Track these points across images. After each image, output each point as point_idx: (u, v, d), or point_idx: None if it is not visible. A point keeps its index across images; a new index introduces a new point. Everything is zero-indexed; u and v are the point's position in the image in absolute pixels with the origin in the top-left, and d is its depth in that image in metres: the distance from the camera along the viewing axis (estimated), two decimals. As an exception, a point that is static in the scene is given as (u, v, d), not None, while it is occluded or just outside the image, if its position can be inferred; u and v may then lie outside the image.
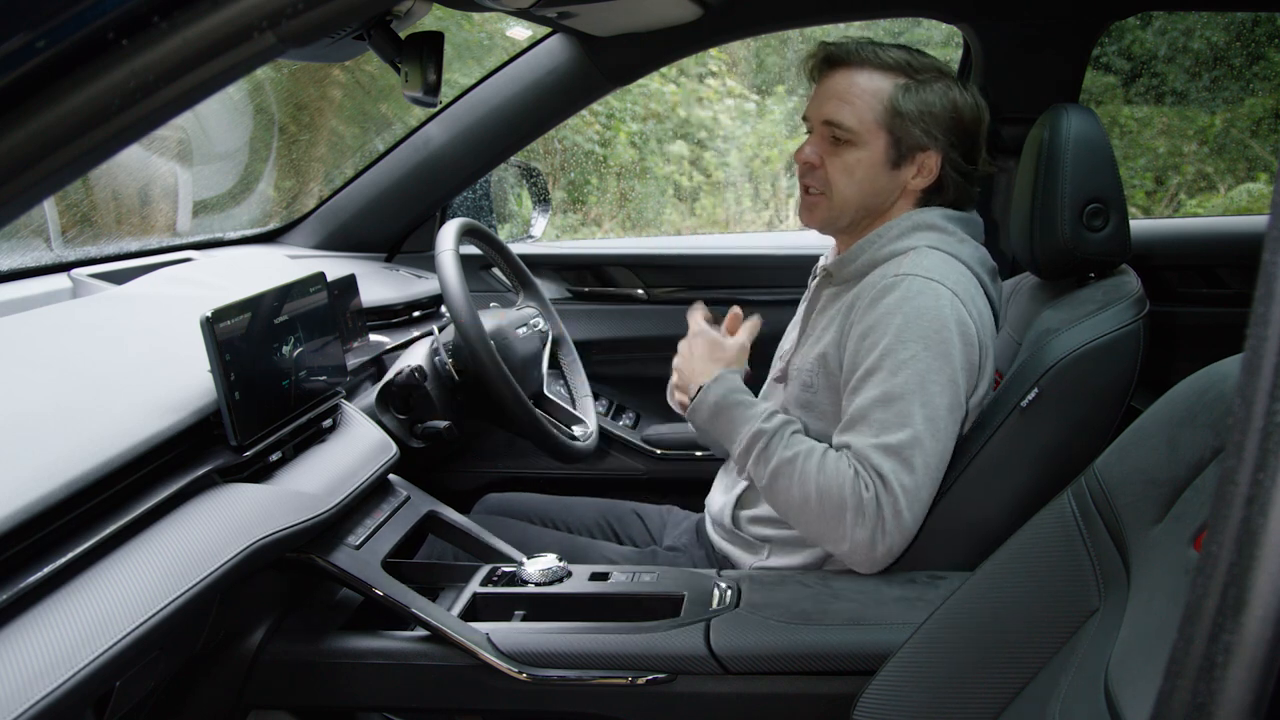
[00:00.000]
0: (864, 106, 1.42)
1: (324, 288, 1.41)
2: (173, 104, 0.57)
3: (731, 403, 1.40)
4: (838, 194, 1.45)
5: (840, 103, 1.43)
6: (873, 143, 1.42)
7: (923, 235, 1.43)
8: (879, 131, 1.42)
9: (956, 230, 1.45)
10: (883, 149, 1.43)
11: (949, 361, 1.32)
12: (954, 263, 1.40)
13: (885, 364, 1.32)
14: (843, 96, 1.43)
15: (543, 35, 2.13)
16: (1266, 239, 0.44)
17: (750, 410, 1.39)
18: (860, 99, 1.42)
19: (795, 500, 1.31)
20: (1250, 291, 0.44)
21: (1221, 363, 0.92)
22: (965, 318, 1.36)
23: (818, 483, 1.29)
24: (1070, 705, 0.89)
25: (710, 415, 1.41)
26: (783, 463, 1.32)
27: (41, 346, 1.23)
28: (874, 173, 1.44)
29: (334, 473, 1.32)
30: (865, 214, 1.47)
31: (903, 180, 1.45)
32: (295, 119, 3.00)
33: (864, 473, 1.29)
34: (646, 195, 5.71)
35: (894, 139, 1.42)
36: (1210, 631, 0.43)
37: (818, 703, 1.19)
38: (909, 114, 1.41)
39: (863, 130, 1.42)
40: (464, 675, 1.23)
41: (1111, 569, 0.94)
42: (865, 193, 1.45)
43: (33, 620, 0.86)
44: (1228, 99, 5.01)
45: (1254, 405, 0.43)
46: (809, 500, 1.30)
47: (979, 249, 1.48)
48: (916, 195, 1.47)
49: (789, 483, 1.31)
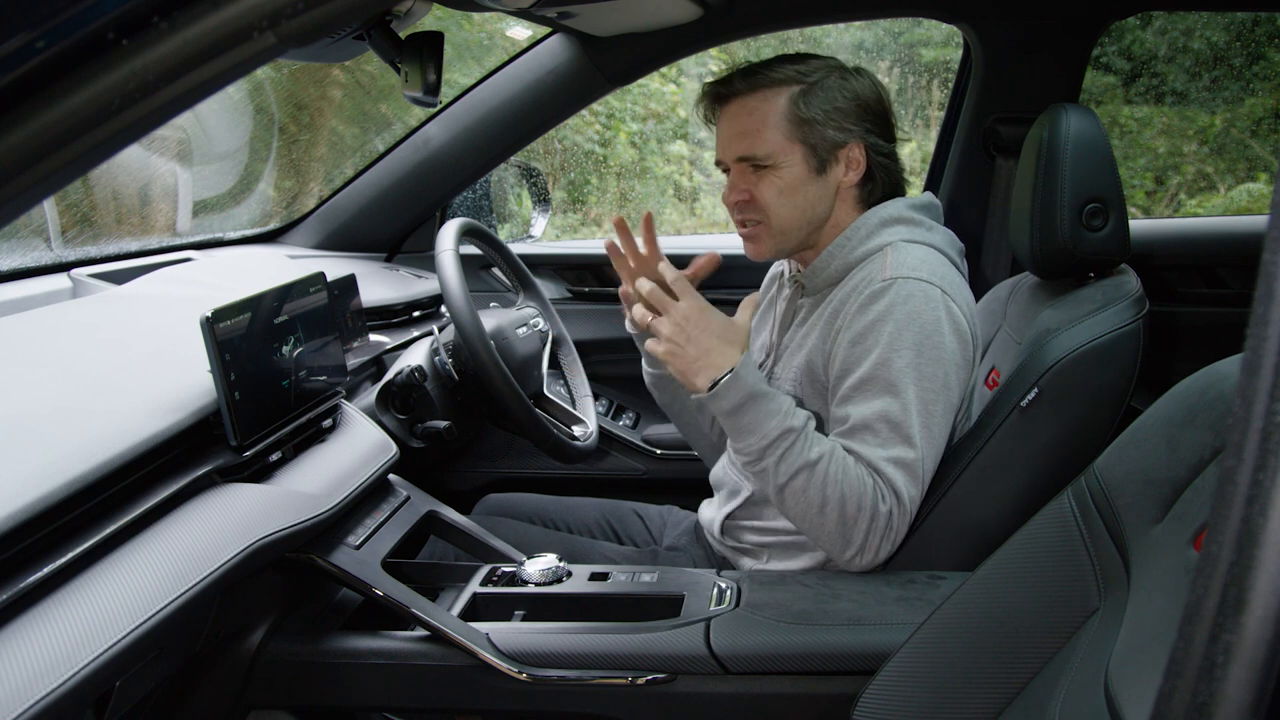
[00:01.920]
0: (769, 129, 1.40)
1: (324, 288, 1.41)
2: (173, 104, 0.57)
3: (761, 392, 1.29)
4: (776, 218, 1.43)
5: (744, 136, 1.41)
6: (790, 159, 1.41)
7: (892, 230, 1.43)
8: (792, 145, 1.41)
9: (924, 219, 1.45)
10: (801, 160, 1.41)
11: (943, 364, 1.32)
12: (933, 253, 1.40)
13: (881, 373, 1.31)
14: (745, 129, 1.41)
15: (543, 35, 2.13)
16: (1266, 239, 0.44)
17: (777, 402, 1.29)
18: (762, 123, 1.40)
19: (813, 503, 1.27)
20: (1250, 291, 0.44)
21: (1221, 363, 0.91)
22: (957, 314, 1.36)
23: (842, 489, 1.27)
24: (1070, 705, 0.89)
25: (738, 404, 1.28)
26: (806, 464, 1.27)
27: (41, 346, 1.23)
28: (804, 186, 1.42)
29: (334, 473, 1.32)
30: (810, 227, 1.45)
31: (834, 181, 1.44)
32: (295, 119, 3.00)
33: (880, 484, 1.29)
34: (646, 195, 5.71)
35: (809, 147, 1.41)
36: (1210, 631, 0.43)
37: (818, 703, 1.19)
38: (814, 118, 1.40)
39: (776, 151, 1.40)
40: (464, 675, 1.23)
41: (1111, 569, 0.94)
42: (802, 207, 1.43)
43: (33, 620, 0.86)
44: (1228, 99, 5.01)
45: (1254, 405, 0.43)
46: (828, 504, 1.27)
47: (946, 232, 1.48)
48: (853, 191, 1.46)
49: (808, 483, 1.27)
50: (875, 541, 1.29)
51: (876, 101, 1.45)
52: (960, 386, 1.36)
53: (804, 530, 1.32)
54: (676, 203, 5.85)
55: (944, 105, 2.38)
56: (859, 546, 1.29)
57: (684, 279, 1.32)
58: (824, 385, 1.41)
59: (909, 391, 1.30)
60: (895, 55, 5.36)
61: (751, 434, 1.29)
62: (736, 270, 2.40)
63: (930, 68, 5.23)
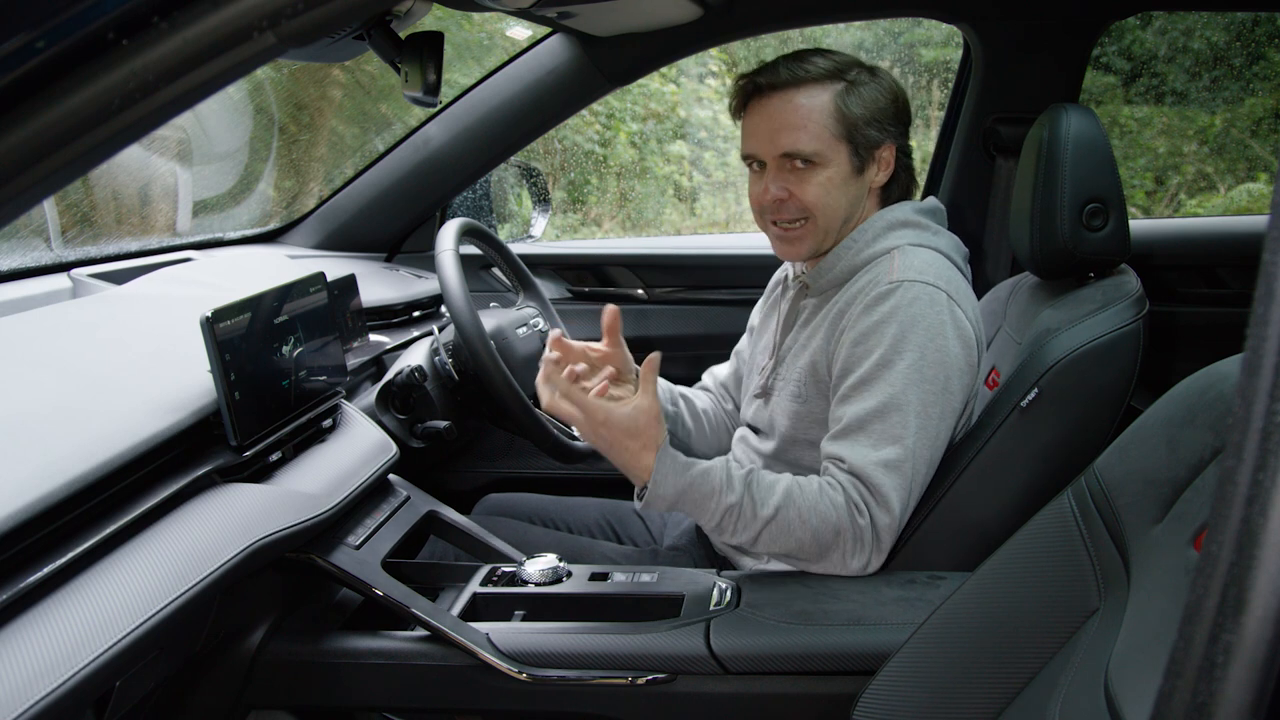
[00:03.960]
0: (817, 125, 1.37)
1: (324, 288, 1.41)
2: (173, 104, 0.57)
3: (685, 484, 1.25)
4: (823, 217, 1.41)
5: (792, 130, 1.38)
6: (836, 157, 1.39)
7: (899, 234, 1.43)
8: (839, 144, 1.39)
9: (929, 223, 1.46)
10: (846, 159, 1.40)
11: (945, 367, 1.32)
12: (939, 258, 1.40)
13: (882, 374, 1.31)
14: (792, 123, 1.38)
15: (543, 35, 2.13)
16: (1266, 239, 0.44)
17: (709, 483, 1.26)
18: (810, 119, 1.37)
19: (788, 546, 1.29)
20: (1250, 291, 0.44)
21: (1221, 363, 0.91)
22: (961, 318, 1.36)
23: (812, 525, 1.27)
24: (1070, 705, 0.89)
25: (673, 503, 1.27)
26: (765, 521, 1.26)
27: (41, 346, 1.23)
28: (846, 185, 1.41)
29: (334, 473, 1.32)
30: (845, 227, 1.45)
31: (868, 181, 1.44)
32: (295, 119, 3.00)
33: (856, 495, 1.28)
34: (646, 195, 5.72)
35: (853, 147, 1.40)
36: (1210, 631, 0.43)
37: (818, 703, 1.19)
38: (860, 117, 1.39)
39: (824, 149, 1.38)
40: (464, 675, 1.23)
41: (1111, 569, 0.94)
42: (844, 206, 1.42)
43: (33, 620, 0.86)
44: (1228, 99, 5.01)
45: (1254, 405, 0.43)
46: (803, 545, 1.28)
47: (951, 236, 1.48)
48: (878, 191, 1.47)
49: (775, 535, 1.27)
50: (863, 556, 1.29)
51: (905, 100, 1.45)
52: (963, 391, 1.36)
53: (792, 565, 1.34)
54: (676, 203, 5.85)
55: (944, 105, 2.38)
56: (844, 565, 1.30)
57: (578, 391, 1.25)
58: (827, 386, 1.41)
59: (908, 393, 1.30)
60: (895, 55, 5.36)
61: (700, 517, 1.28)
62: (738, 270, 2.41)
63: (930, 68, 5.23)
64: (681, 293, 2.41)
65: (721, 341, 2.39)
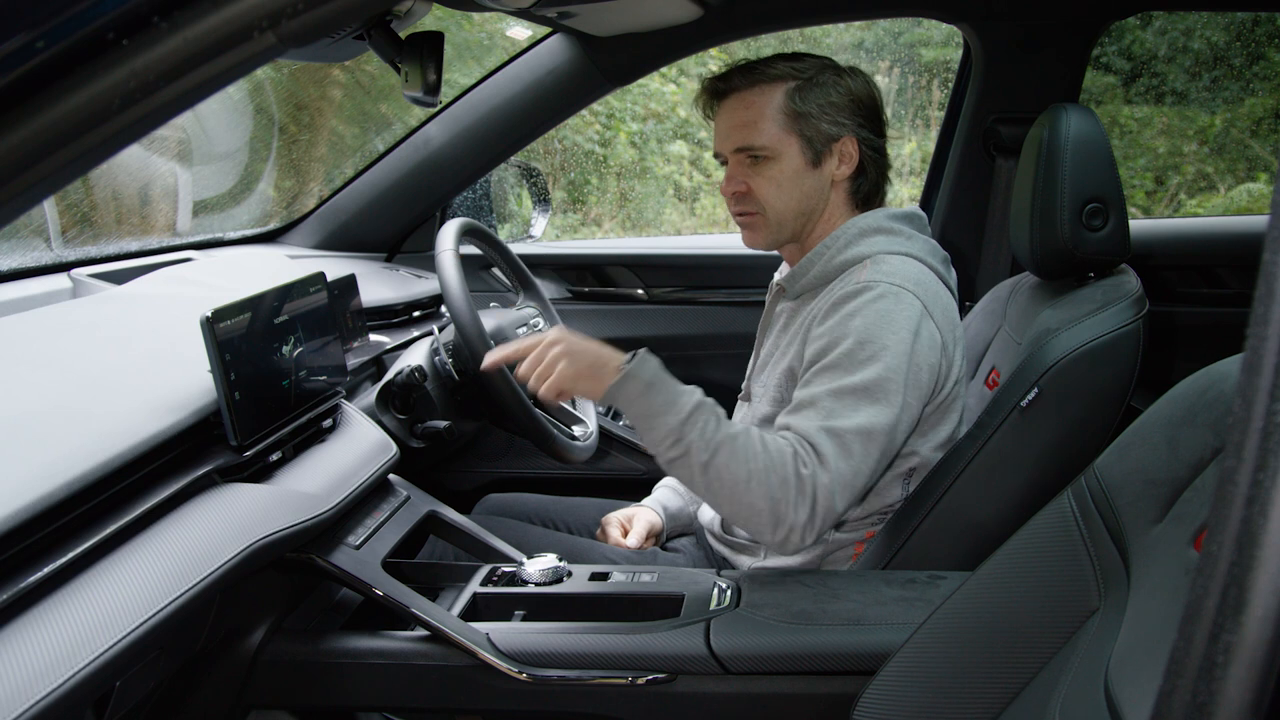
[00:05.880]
0: (766, 121, 1.44)
1: (324, 288, 1.41)
2: (173, 104, 0.57)
3: (661, 377, 1.28)
4: (772, 208, 1.47)
5: (743, 127, 1.45)
6: (787, 151, 1.45)
7: (872, 240, 1.44)
8: (788, 137, 1.44)
9: (904, 228, 1.47)
10: (798, 152, 1.45)
11: (906, 363, 1.32)
12: (912, 262, 1.41)
13: (843, 361, 1.32)
14: (743, 121, 1.45)
15: (543, 35, 2.13)
16: (1266, 239, 0.44)
17: (680, 386, 1.29)
18: (760, 115, 1.44)
19: (739, 477, 1.24)
20: (1250, 291, 0.44)
21: (1221, 363, 0.91)
22: (929, 322, 1.36)
23: (763, 460, 1.24)
24: (1070, 705, 0.89)
25: (650, 381, 1.27)
26: (728, 436, 1.25)
27: (41, 346, 1.23)
28: (799, 177, 1.46)
29: (334, 473, 1.32)
30: (805, 218, 1.49)
31: (828, 174, 1.47)
32: (295, 119, 3.00)
33: (802, 451, 1.27)
34: (646, 195, 5.72)
35: (805, 139, 1.44)
36: (1210, 631, 0.43)
37: (818, 703, 1.19)
38: (810, 112, 1.44)
39: (773, 143, 1.44)
40: (464, 675, 1.23)
41: (1111, 569, 0.94)
42: (797, 198, 1.47)
43: (33, 620, 0.86)
44: (1228, 99, 5.02)
45: (1254, 405, 0.43)
46: (752, 478, 1.24)
47: (928, 241, 1.49)
48: (845, 184, 1.49)
49: (731, 457, 1.24)
50: (805, 513, 1.25)
51: (869, 98, 1.48)
52: (919, 395, 1.35)
53: (729, 511, 1.28)
54: (676, 203, 5.85)
55: (944, 105, 2.38)
56: (791, 521, 1.25)
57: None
58: None
59: (866, 377, 1.30)
60: (895, 55, 5.37)
61: (668, 411, 1.26)
62: (738, 270, 2.41)
63: (930, 68, 5.23)
64: (681, 293, 2.41)
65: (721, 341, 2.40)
